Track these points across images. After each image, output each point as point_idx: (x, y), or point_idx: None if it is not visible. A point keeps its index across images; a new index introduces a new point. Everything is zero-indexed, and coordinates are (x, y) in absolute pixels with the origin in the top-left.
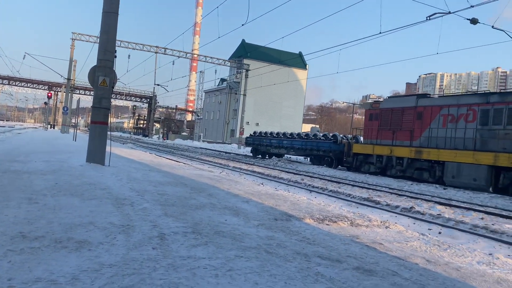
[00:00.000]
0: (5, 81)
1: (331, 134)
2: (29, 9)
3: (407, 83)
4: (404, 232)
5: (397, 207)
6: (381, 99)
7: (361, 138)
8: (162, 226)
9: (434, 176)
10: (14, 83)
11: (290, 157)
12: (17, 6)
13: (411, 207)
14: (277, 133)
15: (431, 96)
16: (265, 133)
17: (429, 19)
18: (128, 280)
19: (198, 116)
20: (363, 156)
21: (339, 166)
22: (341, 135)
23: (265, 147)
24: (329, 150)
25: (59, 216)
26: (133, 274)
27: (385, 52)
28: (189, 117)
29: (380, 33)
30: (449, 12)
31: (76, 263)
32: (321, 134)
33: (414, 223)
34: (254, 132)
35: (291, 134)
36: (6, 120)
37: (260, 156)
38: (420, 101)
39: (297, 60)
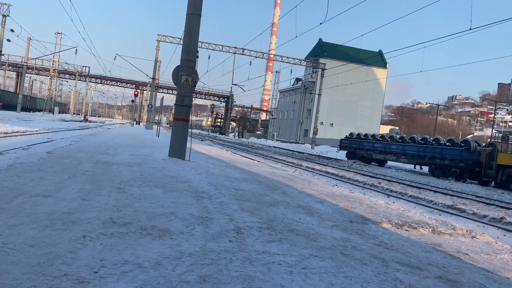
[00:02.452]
0: (98, 81)
1: (459, 140)
2: (118, 14)
3: (499, 84)
4: (493, 243)
5: (485, 216)
6: (469, 100)
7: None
8: (238, 220)
9: None
10: (105, 82)
11: (390, 165)
12: (108, 10)
13: (501, 218)
14: (382, 136)
15: None
16: (365, 135)
17: None
18: (206, 270)
19: (272, 115)
20: None
21: (469, 180)
22: (474, 142)
23: (366, 151)
24: (459, 159)
25: (144, 205)
26: (211, 264)
27: (475, 50)
28: (263, 116)
29: (470, 29)
30: None
31: (159, 250)
32: (445, 140)
33: (504, 235)
34: (351, 134)
35: (402, 137)
36: (98, 116)
37: (358, 161)
38: None
39: (376, 59)
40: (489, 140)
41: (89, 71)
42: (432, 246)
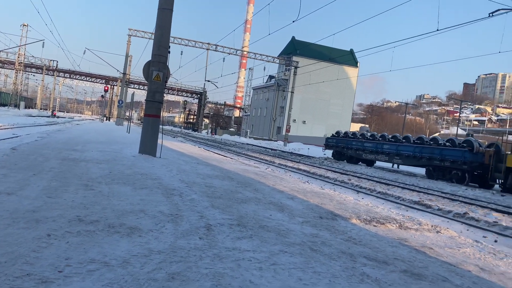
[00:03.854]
0: (67, 75)
1: (459, 140)
2: (88, 6)
3: (464, 84)
4: (457, 238)
5: (449, 212)
6: (436, 99)
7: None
8: (209, 217)
9: None
10: (74, 77)
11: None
12: (77, 3)
13: (464, 213)
14: (372, 135)
15: None
16: (354, 133)
17: (492, 15)
18: (175, 267)
19: (246, 112)
20: None
21: (472, 183)
22: (477, 142)
23: (355, 151)
24: (462, 161)
25: (113, 203)
26: (180, 262)
27: (442, 51)
28: (236, 113)
29: (438, 30)
30: None
31: (127, 248)
32: (444, 140)
33: (467, 230)
34: (338, 132)
35: (394, 136)
36: (66, 112)
37: (344, 160)
38: None
39: (348, 57)
40: (488, 141)
41: (57, 65)
42: (398, 241)
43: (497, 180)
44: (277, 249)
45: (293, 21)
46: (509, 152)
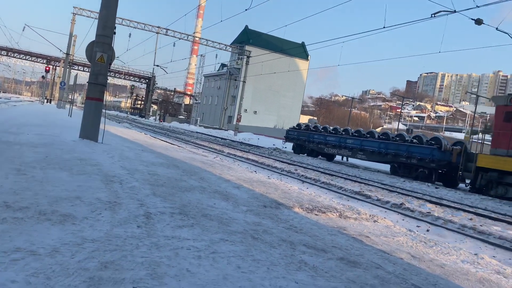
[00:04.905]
0: (3, 52)
1: (423, 137)
2: None
3: (407, 81)
4: (392, 227)
5: (387, 202)
6: (381, 95)
7: (470, 146)
8: (149, 206)
9: None
10: (12, 55)
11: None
12: None
13: (401, 203)
14: (335, 129)
15: None
16: (315, 127)
17: (434, 16)
18: (109, 256)
19: (196, 100)
20: (497, 173)
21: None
22: (445, 140)
23: (317, 145)
24: (429, 159)
25: (46, 189)
26: (115, 251)
27: (387, 48)
28: (187, 100)
29: (384, 27)
30: (455, 11)
31: (58, 236)
32: (410, 136)
33: (403, 219)
34: (299, 125)
35: (358, 131)
36: (3, 92)
37: (305, 154)
38: None
39: (299, 50)
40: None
41: None
42: (338, 230)
43: (465, 179)
44: (218, 237)
45: (246, 9)
46: (480, 152)
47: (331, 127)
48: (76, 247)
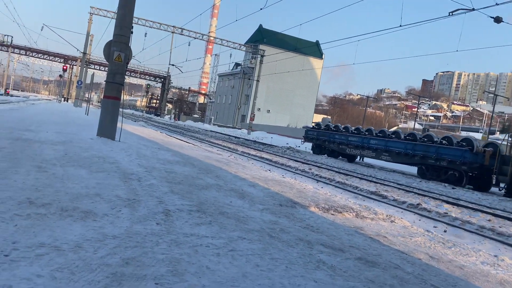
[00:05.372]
0: (22, 52)
1: (455, 139)
2: None
3: (423, 80)
4: (409, 227)
5: (403, 202)
6: (396, 94)
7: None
8: (167, 203)
9: None
10: (31, 54)
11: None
12: None
13: (418, 204)
14: (357, 129)
15: None
16: (336, 126)
17: (452, 14)
18: (130, 252)
19: (210, 99)
20: None
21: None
22: (477, 141)
23: (338, 145)
24: (460, 161)
25: (67, 186)
26: (136, 247)
27: (403, 46)
28: (201, 99)
29: (400, 26)
30: (473, 9)
31: (80, 232)
32: (439, 137)
33: (419, 220)
34: (318, 124)
35: (382, 131)
36: (21, 91)
37: (325, 155)
38: None
39: (313, 49)
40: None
41: (11, 40)
42: (354, 230)
43: (500, 183)
44: (236, 235)
45: (261, 9)
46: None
47: (353, 127)
48: (98, 243)
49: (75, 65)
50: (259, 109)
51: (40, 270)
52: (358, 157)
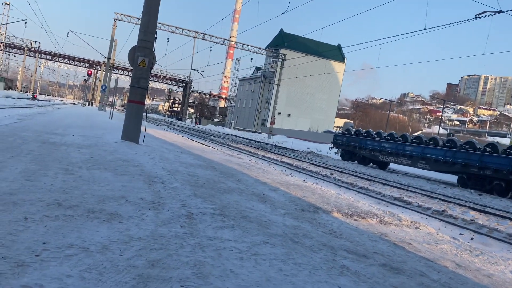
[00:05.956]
0: (49, 57)
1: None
2: None
3: (448, 84)
4: (435, 234)
5: (428, 209)
6: (420, 98)
7: None
8: (191, 206)
9: None
10: (57, 59)
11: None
12: None
13: (443, 210)
14: (390, 134)
15: None
16: (367, 132)
17: (478, 17)
18: (155, 254)
19: (231, 103)
20: None
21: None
22: None
23: (369, 152)
24: (508, 170)
25: (93, 188)
26: (161, 249)
27: (428, 50)
28: (222, 103)
29: (425, 29)
30: (500, 11)
31: (107, 234)
32: (482, 145)
33: (445, 227)
34: (348, 130)
35: (418, 137)
36: (47, 95)
37: (355, 161)
38: None
39: (335, 52)
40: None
41: (39, 46)
42: (378, 236)
43: None
44: (259, 239)
45: (283, 13)
46: None
47: (386, 133)
48: (124, 245)
49: (100, 70)
50: (280, 113)
51: (70, 270)
52: (390, 164)
